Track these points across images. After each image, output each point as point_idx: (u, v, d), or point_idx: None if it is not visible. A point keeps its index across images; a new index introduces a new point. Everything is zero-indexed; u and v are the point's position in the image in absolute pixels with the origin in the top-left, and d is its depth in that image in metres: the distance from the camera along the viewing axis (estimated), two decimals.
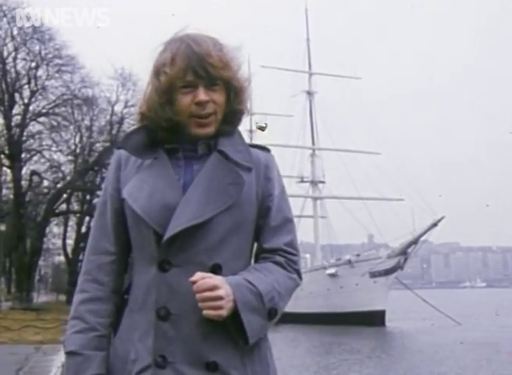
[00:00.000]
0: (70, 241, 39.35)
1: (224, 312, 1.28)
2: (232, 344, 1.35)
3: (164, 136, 1.46)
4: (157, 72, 1.43)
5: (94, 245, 1.49)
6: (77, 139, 32.49)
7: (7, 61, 29.54)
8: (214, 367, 1.33)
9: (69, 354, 1.41)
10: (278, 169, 1.52)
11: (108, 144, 30.77)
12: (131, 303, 1.41)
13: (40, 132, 30.77)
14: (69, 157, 32.46)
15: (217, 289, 1.28)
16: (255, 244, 1.50)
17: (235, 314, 1.31)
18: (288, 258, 1.45)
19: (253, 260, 1.49)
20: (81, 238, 37.08)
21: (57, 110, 30.53)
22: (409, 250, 36.71)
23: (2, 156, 30.44)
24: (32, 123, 30.58)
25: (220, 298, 1.27)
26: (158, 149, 1.45)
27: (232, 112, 1.47)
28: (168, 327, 1.34)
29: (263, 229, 1.45)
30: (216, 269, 1.35)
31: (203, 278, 1.28)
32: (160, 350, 1.33)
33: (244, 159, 1.44)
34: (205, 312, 1.28)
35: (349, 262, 38.42)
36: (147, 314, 1.36)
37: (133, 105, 30.59)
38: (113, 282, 1.46)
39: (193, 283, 1.28)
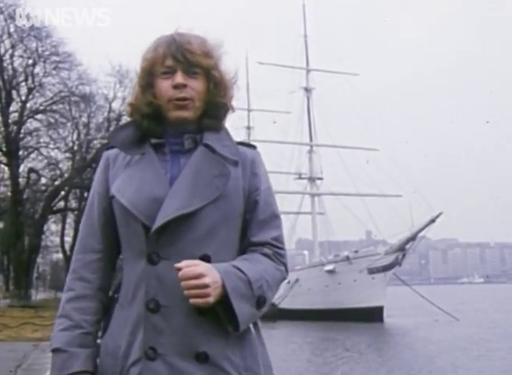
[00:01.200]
0: (68, 239, 39.30)
1: (211, 300, 1.29)
2: (224, 336, 1.35)
3: (150, 129, 1.48)
4: (141, 60, 1.49)
5: (81, 244, 1.50)
6: (75, 136, 32.44)
7: (4, 58, 29.42)
8: (204, 357, 1.33)
9: (54, 351, 1.41)
10: (264, 166, 1.54)
11: (105, 141, 30.69)
12: (121, 299, 1.42)
13: (37, 129, 30.69)
14: (67, 154, 32.40)
15: (203, 277, 1.28)
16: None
17: (224, 301, 1.31)
18: (275, 251, 1.46)
19: None
20: None
21: (54, 107, 30.44)
22: (407, 246, 36.75)
23: (0, 154, 30.39)
24: (29, 120, 30.48)
25: (206, 285, 1.28)
26: (145, 145, 1.47)
27: (214, 104, 1.49)
28: (158, 319, 1.34)
29: (250, 222, 1.47)
30: (205, 260, 1.36)
31: (188, 266, 1.29)
32: (150, 342, 1.33)
33: (231, 153, 1.46)
34: (192, 300, 1.28)
35: (347, 258, 38.46)
36: (137, 308, 1.37)
37: None
38: (99, 279, 1.47)
39: (179, 270, 1.29)
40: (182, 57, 1.43)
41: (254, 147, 1.54)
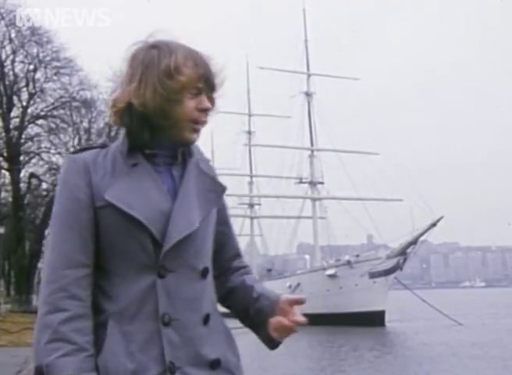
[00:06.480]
0: None
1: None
2: (225, 341, 1.43)
3: (145, 139, 1.41)
4: (168, 70, 1.37)
5: (67, 258, 1.35)
6: (76, 141, 32.50)
7: (5, 64, 29.61)
8: (217, 364, 1.38)
9: None
10: None
11: None
12: (116, 315, 1.34)
13: (38, 134, 30.84)
14: None
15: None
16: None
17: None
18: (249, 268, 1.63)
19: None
20: None
21: (55, 112, 30.60)
22: (408, 250, 36.71)
23: (1, 159, 30.43)
24: (30, 125, 30.66)
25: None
26: (137, 154, 1.41)
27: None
28: (171, 333, 1.33)
29: (226, 235, 1.57)
30: (206, 273, 1.40)
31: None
32: (169, 356, 1.32)
33: (208, 169, 1.50)
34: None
35: (348, 262, 38.43)
36: (145, 323, 1.33)
37: None
38: (90, 296, 1.36)
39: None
40: (210, 83, 1.42)
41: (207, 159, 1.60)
